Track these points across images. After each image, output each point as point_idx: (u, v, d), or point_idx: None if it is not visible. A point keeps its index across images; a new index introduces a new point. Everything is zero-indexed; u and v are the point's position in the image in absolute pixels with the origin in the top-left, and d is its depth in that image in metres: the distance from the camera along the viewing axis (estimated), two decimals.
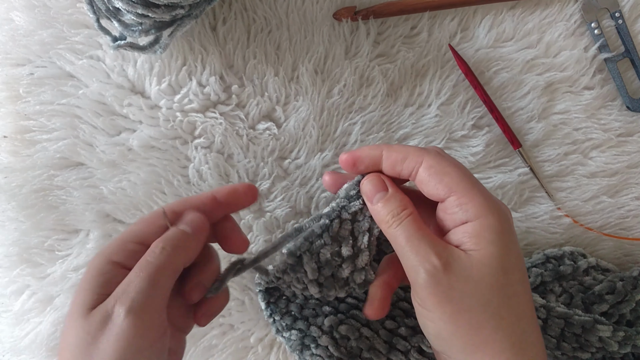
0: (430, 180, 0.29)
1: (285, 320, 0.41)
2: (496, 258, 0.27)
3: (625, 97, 0.45)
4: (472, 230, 0.28)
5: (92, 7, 0.38)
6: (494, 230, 0.28)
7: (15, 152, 0.44)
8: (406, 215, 0.30)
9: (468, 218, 0.28)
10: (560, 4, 0.45)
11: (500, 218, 0.28)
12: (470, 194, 0.28)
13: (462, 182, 0.29)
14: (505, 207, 0.30)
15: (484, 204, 0.28)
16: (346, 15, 0.44)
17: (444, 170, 0.29)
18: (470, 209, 0.28)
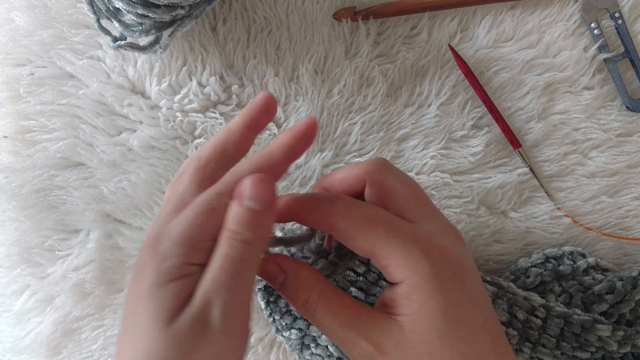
0: (347, 242, 0.26)
1: (285, 320, 0.41)
2: (428, 321, 0.24)
3: (624, 97, 0.45)
4: (402, 294, 0.25)
5: (92, 7, 0.38)
6: (422, 289, 0.24)
7: (15, 152, 0.44)
8: (314, 303, 0.26)
9: (395, 279, 0.25)
10: (560, 4, 0.45)
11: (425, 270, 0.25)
12: (386, 254, 0.25)
13: (375, 243, 0.25)
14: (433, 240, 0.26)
15: (402, 261, 0.25)
16: (346, 15, 0.44)
17: (354, 234, 0.25)
18: (392, 271, 0.25)
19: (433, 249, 0.25)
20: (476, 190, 0.46)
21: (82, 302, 0.45)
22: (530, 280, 0.43)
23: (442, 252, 0.26)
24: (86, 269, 0.45)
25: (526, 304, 0.40)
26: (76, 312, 0.45)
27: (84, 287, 0.45)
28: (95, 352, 0.46)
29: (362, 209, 0.26)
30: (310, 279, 0.27)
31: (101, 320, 0.46)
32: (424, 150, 0.46)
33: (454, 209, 0.46)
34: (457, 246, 0.27)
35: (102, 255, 0.45)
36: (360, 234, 0.25)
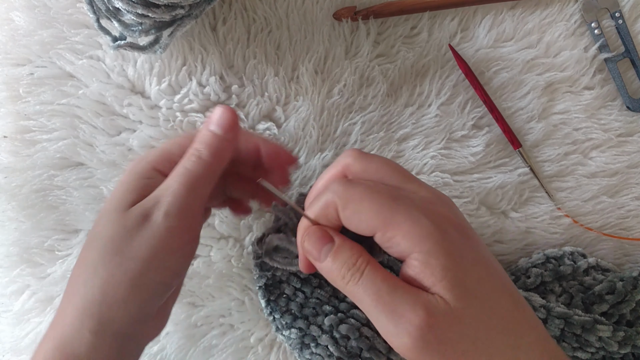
0: (352, 224, 0.26)
1: (285, 319, 0.41)
2: (459, 284, 0.24)
3: (625, 97, 0.45)
4: (419, 265, 0.24)
5: (92, 7, 0.38)
6: (439, 253, 0.24)
7: (15, 152, 0.44)
8: (364, 265, 0.25)
9: (404, 253, 0.25)
10: (560, 4, 0.45)
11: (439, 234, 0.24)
12: (392, 223, 0.24)
13: (380, 213, 0.24)
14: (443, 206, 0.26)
15: (411, 229, 0.24)
16: (346, 15, 0.44)
17: (357, 207, 0.25)
18: (400, 242, 0.24)
19: (436, 214, 0.25)
20: (476, 190, 0.46)
21: None
22: (530, 281, 0.43)
23: (444, 216, 0.25)
24: None
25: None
26: None
27: None
28: None
29: (360, 185, 0.26)
30: (358, 246, 0.26)
31: None
32: (424, 150, 0.46)
33: None
34: (454, 211, 0.27)
35: None
36: (363, 208, 0.25)
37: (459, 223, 0.26)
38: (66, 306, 0.29)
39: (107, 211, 0.29)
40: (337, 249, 0.26)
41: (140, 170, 0.30)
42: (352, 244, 0.26)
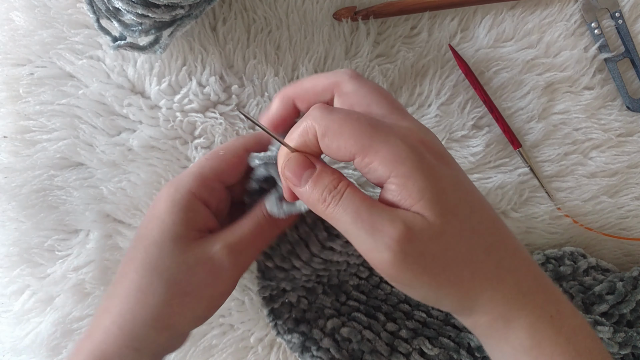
0: (330, 150, 0.26)
1: (287, 324, 0.41)
2: (437, 203, 0.24)
3: (625, 97, 0.45)
4: (396, 188, 0.24)
5: (92, 7, 0.38)
6: (416, 175, 0.24)
7: (15, 152, 0.44)
8: (344, 188, 0.26)
9: (381, 177, 0.25)
10: (560, 4, 0.45)
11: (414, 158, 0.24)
12: (371, 148, 0.24)
13: (360, 138, 0.25)
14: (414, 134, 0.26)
15: (388, 154, 0.24)
16: (346, 15, 0.44)
17: (337, 131, 0.25)
18: (377, 167, 0.25)
19: (415, 141, 0.26)
20: None
21: (82, 302, 0.45)
22: None
23: (424, 143, 0.26)
24: (86, 269, 0.45)
25: None
26: (76, 312, 0.45)
27: (83, 288, 0.45)
28: None
29: (341, 110, 0.26)
30: (337, 172, 0.27)
31: None
32: None
33: None
34: (435, 139, 0.27)
35: (102, 256, 0.45)
36: (342, 134, 0.25)
37: (438, 150, 0.26)
38: (107, 324, 0.30)
39: (161, 241, 0.30)
40: (318, 174, 0.26)
41: (182, 200, 0.31)
42: (332, 169, 0.27)
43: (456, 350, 0.40)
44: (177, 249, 0.30)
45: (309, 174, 0.26)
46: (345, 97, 0.27)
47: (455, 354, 0.39)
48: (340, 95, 0.28)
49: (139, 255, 0.30)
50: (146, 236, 0.31)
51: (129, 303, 0.30)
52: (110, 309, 0.30)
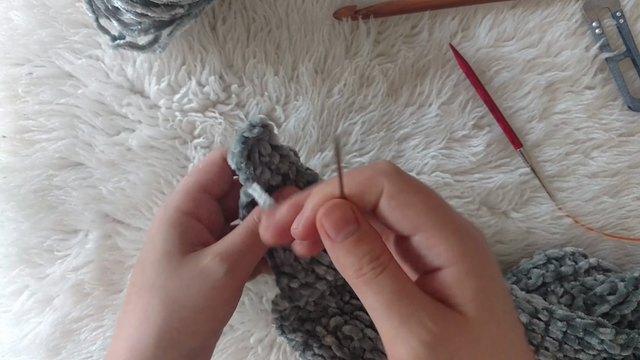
0: (391, 214, 0.23)
1: (293, 324, 0.41)
2: (487, 309, 0.22)
3: (626, 96, 0.45)
4: (451, 280, 0.22)
5: (91, 6, 0.38)
6: (476, 274, 0.22)
7: (14, 152, 0.44)
8: (385, 263, 0.23)
9: (442, 264, 0.23)
10: (561, 4, 0.45)
11: (478, 255, 0.23)
12: (441, 231, 0.23)
13: (431, 216, 0.23)
14: (478, 232, 0.25)
15: (458, 243, 0.23)
16: (346, 14, 0.44)
17: (407, 200, 0.23)
18: (442, 252, 0.23)
19: (481, 238, 0.24)
20: (477, 190, 0.46)
21: (81, 302, 0.45)
22: (532, 282, 0.42)
23: (482, 240, 0.24)
24: (85, 269, 0.45)
25: (529, 306, 0.40)
26: (75, 312, 0.45)
27: (83, 288, 0.45)
28: (94, 352, 0.46)
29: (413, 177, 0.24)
30: (381, 239, 0.24)
31: (100, 321, 0.45)
32: (425, 150, 0.46)
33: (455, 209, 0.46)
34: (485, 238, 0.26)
35: (101, 256, 0.45)
36: (416, 203, 0.23)
37: (493, 254, 0.25)
38: (117, 349, 0.31)
39: (155, 260, 0.31)
40: (362, 235, 0.23)
41: (171, 218, 0.32)
42: (377, 233, 0.24)
43: None
44: (171, 266, 0.30)
45: (350, 231, 0.23)
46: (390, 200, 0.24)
47: None
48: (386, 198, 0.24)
49: (138, 278, 0.32)
50: (143, 259, 0.32)
51: (132, 326, 0.30)
52: (119, 334, 0.31)
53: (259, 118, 0.31)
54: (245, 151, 0.31)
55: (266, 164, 0.33)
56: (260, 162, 0.32)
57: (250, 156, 0.31)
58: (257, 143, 0.32)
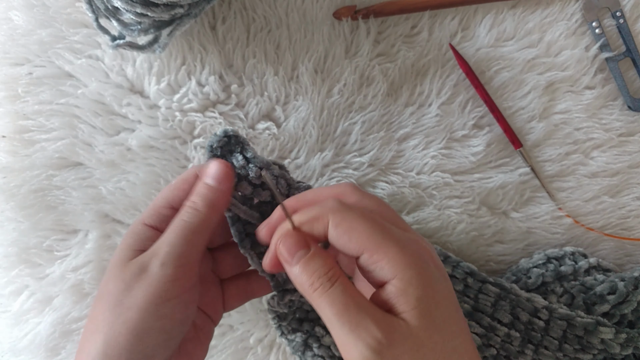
0: (339, 240, 0.27)
1: (292, 324, 0.41)
2: (428, 316, 0.25)
3: (626, 96, 0.45)
4: (396, 291, 0.25)
5: (91, 6, 0.38)
6: (417, 284, 0.25)
7: (13, 152, 0.44)
8: (335, 278, 0.26)
9: (384, 277, 0.26)
10: (561, 3, 0.45)
11: (419, 267, 0.26)
12: (381, 248, 0.26)
13: (372, 236, 0.26)
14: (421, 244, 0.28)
15: (398, 256, 0.25)
16: (346, 14, 0.44)
17: (351, 225, 0.26)
18: (384, 267, 0.26)
19: (422, 250, 0.27)
20: (477, 190, 0.46)
21: (81, 302, 0.45)
22: (531, 281, 0.42)
23: (429, 254, 0.27)
24: (85, 269, 0.45)
25: (529, 305, 0.40)
26: (75, 312, 0.45)
27: (82, 288, 0.45)
28: None
29: (356, 209, 0.28)
30: (332, 259, 0.27)
31: None
32: (425, 150, 0.46)
33: (455, 209, 0.46)
34: (434, 253, 0.29)
35: (101, 256, 0.45)
36: (356, 228, 0.26)
37: (438, 263, 0.28)
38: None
39: (109, 270, 0.31)
40: (311, 256, 0.27)
41: (132, 228, 0.32)
42: (327, 255, 0.27)
43: None
44: (117, 271, 0.30)
45: (302, 254, 0.27)
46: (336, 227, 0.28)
47: None
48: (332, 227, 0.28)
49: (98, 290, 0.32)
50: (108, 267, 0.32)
51: (85, 338, 0.30)
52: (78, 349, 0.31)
53: (224, 129, 0.33)
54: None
55: (244, 177, 0.33)
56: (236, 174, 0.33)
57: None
58: (228, 154, 0.33)
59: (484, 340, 0.39)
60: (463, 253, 0.47)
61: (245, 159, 0.33)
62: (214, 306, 0.35)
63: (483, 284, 0.41)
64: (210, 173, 0.32)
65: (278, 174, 0.34)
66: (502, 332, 0.39)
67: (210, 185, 0.31)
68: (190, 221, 0.30)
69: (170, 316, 0.29)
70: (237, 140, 0.33)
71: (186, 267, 0.30)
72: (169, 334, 0.30)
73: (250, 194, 0.34)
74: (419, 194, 0.46)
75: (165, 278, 0.29)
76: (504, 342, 0.39)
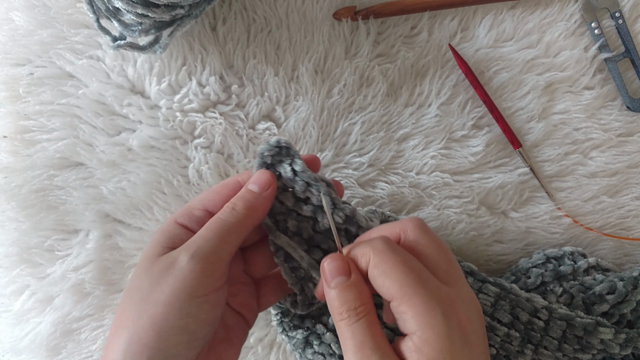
0: (375, 281, 0.28)
1: (294, 321, 0.41)
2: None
3: (625, 97, 0.45)
4: (412, 346, 0.26)
5: (91, 7, 0.38)
6: (434, 345, 0.26)
7: (15, 152, 0.44)
8: (363, 314, 0.27)
9: (407, 330, 0.27)
10: (560, 4, 0.45)
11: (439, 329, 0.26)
12: (409, 301, 0.26)
13: (403, 287, 0.26)
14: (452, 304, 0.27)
15: (422, 313, 0.26)
16: (346, 15, 0.44)
17: (386, 271, 0.27)
18: (408, 320, 0.26)
19: (453, 313, 0.27)
20: (476, 190, 0.46)
21: (82, 302, 0.45)
22: (531, 281, 0.42)
23: (459, 319, 0.27)
24: (86, 269, 0.45)
25: (529, 305, 0.40)
26: (75, 312, 0.45)
27: (83, 287, 0.45)
28: (94, 352, 0.46)
29: (400, 251, 0.28)
30: (369, 293, 0.28)
31: (101, 321, 0.46)
32: (424, 150, 0.46)
33: (455, 209, 0.46)
34: (475, 318, 0.28)
35: (102, 256, 0.45)
36: (391, 273, 0.27)
37: (472, 330, 0.27)
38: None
39: (138, 265, 0.31)
40: (349, 285, 0.28)
41: (164, 226, 0.32)
42: (364, 288, 0.28)
43: None
44: (147, 265, 0.30)
45: (340, 280, 0.28)
46: (373, 269, 0.28)
47: None
48: (371, 267, 0.28)
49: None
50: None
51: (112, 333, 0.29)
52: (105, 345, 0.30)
53: (277, 139, 0.33)
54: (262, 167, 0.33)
55: (289, 189, 0.34)
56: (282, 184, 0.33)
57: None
58: (277, 164, 0.34)
59: None
60: (462, 253, 0.47)
61: (293, 172, 0.33)
62: (248, 306, 0.35)
63: (483, 283, 0.41)
64: (254, 180, 0.33)
65: (324, 192, 0.34)
66: (501, 332, 0.39)
67: (251, 190, 0.32)
68: (226, 219, 0.31)
69: (195, 315, 0.29)
70: (288, 152, 0.34)
71: (216, 265, 0.30)
72: (193, 334, 0.29)
73: (292, 206, 0.34)
74: (419, 194, 0.46)
75: (193, 273, 0.28)
76: (503, 341, 0.39)
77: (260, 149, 0.34)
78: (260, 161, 0.34)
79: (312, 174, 0.34)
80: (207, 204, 0.33)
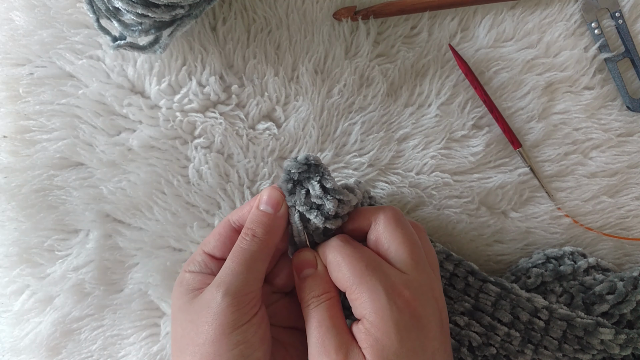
0: (332, 276, 0.31)
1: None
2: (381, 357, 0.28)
3: (625, 97, 0.45)
4: (362, 328, 0.29)
5: (91, 7, 0.38)
6: (377, 329, 0.28)
7: (15, 152, 0.44)
8: (325, 300, 0.30)
9: (359, 315, 0.29)
10: (560, 4, 0.45)
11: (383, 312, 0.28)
12: (357, 289, 0.29)
13: (351, 277, 0.29)
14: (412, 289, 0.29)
15: (369, 301, 0.28)
16: (346, 15, 0.44)
17: (338, 266, 0.30)
18: (357, 307, 0.29)
19: (400, 298, 0.29)
20: (476, 190, 0.46)
21: (82, 302, 0.45)
22: (531, 281, 0.42)
23: (408, 303, 0.29)
24: (86, 269, 0.45)
25: (529, 305, 0.40)
26: (76, 312, 0.45)
27: (83, 287, 0.45)
28: (94, 352, 0.46)
29: (351, 247, 0.31)
30: (331, 284, 0.31)
31: (101, 321, 0.46)
32: (424, 150, 0.46)
33: (454, 209, 0.46)
34: (428, 304, 0.30)
35: (102, 256, 0.45)
36: (341, 267, 0.30)
37: (421, 315, 0.29)
38: None
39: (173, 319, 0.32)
40: (312, 276, 0.32)
41: (179, 279, 0.33)
42: (327, 280, 0.31)
43: (457, 349, 0.40)
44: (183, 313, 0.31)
45: (307, 272, 0.32)
46: (329, 265, 0.31)
47: (455, 352, 0.39)
48: (328, 263, 0.32)
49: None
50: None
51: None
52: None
53: (306, 155, 0.33)
54: (288, 184, 0.33)
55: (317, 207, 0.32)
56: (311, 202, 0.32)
57: (294, 190, 0.33)
58: (305, 181, 0.32)
59: (484, 339, 0.39)
60: (462, 253, 0.47)
61: (323, 189, 0.32)
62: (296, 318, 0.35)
63: (484, 283, 0.41)
64: (265, 200, 0.33)
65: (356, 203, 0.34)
66: (502, 332, 0.39)
67: (266, 212, 0.32)
68: (249, 248, 0.31)
69: (244, 341, 0.30)
70: (317, 170, 0.32)
71: (250, 295, 0.30)
72: (249, 357, 0.30)
73: (321, 223, 0.32)
74: (419, 194, 0.46)
75: (231, 307, 0.29)
76: (503, 341, 0.40)
77: (288, 165, 0.33)
78: (286, 178, 0.33)
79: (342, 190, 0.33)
80: (234, 221, 0.34)
